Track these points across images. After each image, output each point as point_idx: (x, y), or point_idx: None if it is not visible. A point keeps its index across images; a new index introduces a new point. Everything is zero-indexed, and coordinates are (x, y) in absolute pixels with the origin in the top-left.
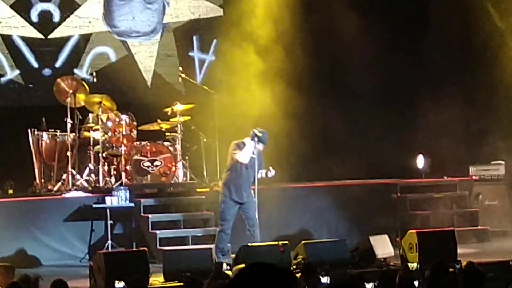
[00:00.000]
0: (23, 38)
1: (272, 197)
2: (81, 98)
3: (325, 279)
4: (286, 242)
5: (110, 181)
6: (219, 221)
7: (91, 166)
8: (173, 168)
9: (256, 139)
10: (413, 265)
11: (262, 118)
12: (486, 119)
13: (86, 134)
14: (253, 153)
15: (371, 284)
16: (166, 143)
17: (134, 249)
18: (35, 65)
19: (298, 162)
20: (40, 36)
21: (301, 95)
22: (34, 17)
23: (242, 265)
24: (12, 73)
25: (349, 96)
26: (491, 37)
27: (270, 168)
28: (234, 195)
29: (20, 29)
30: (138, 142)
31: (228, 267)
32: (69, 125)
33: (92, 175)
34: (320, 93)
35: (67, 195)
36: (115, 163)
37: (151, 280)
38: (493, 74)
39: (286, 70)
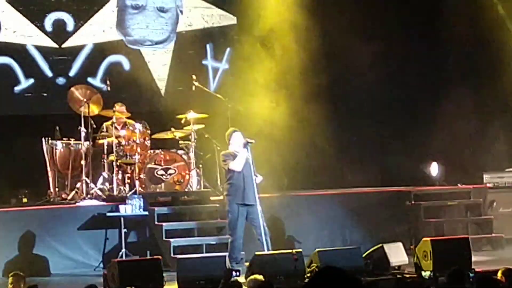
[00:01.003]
0: (37, 47)
1: (285, 205)
2: (95, 107)
3: None
4: (300, 250)
5: (124, 190)
6: (228, 231)
7: (105, 174)
8: (187, 177)
9: (248, 146)
10: (426, 273)
11: (275, 126)
12: (500, 126)
13: (100, 142)
14: (246, 159)
15: None
16: (180, 152)
17: (148, 257)
18: (49, 74)
19: (311, 170)
20: (54, 45)
21: (314, 103)
22: (48, 26)
23: (257, 276)
24: (26, 82)
25: (363, 103)
26: (505, 43)
27: (257, 175)
28: (239, 199)
29: (34, 38)
30: (152, 151)
31: (237, 273)
32: (83, 134)
33: (106, 183)
34: (334, 100)
35: (81, 203)
36: (129, 171)
37: None
38: (507, 80)
39: (299, 78)
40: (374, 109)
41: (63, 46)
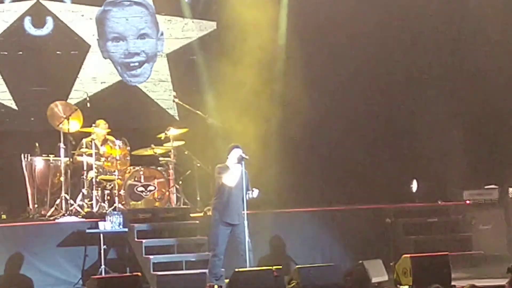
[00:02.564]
0: None
1: (266, 222)
2: (75, 123)
3: None
4: (280, 266)
5: (104, 206)
6: (210, 246)
7: (84, 191)
8: (167, 193)
9: (242, 161)
10: None
11: (255, 142)
12: (480, 144)
13: (80, 159)
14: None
15: None
16: (159, 168)
17: (128, 274)
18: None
19: (291, 187)
20: None
21: (295, 119)
22: None
23: None
24: (5, 97)
25: (344, 119)
26: (484, 61)
27: (253, 189)
28: (225, 217)
29: None
30: (131, 167)
31: None
32: (62, 150)
33: (86, 200)
34: (315, 117)
35: (61, 220)
36: (109, 188)
37: None
38: (485, 99)
39: (282, 93)
40: (355, 128)
41: None
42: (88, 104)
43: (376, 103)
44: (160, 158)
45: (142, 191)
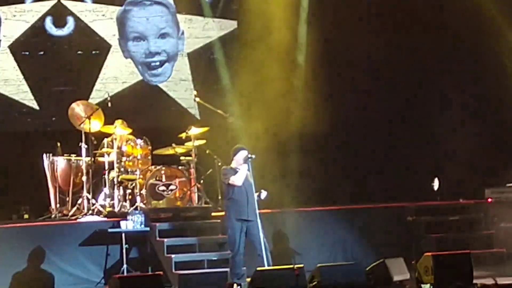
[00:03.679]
0: None
1: (287, 221)
2: (96, 123)
3: None
4: (302, 265)
5: (125, 206)
6: (230, 247)
7: (106, 190)
8: (188, 192)
9: (249, 161)
10: (426, 286)
11: (276, 140)
12: (502, 141)
13: (101, 158)
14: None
15: None
16: (181, 167)
17: (150, 273)
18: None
19: (313, 185)
20: None
21: (316, 116)
22: None
23: None
24: (27, 97)
25: (365, 117)
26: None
27: (262, 190)
28: (239, 215)
29: None
30: (153, 167)
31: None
32: (84, 150)
33: (107, 199)
34: (334, 114)
35: (82, 219)
36: (130, 187)
37: None
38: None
39: (300, 91)
40: (376, 124)
41: None
42: (110, 104)
43: (397, 100)
44: (182, 158)
45: (163, 190)
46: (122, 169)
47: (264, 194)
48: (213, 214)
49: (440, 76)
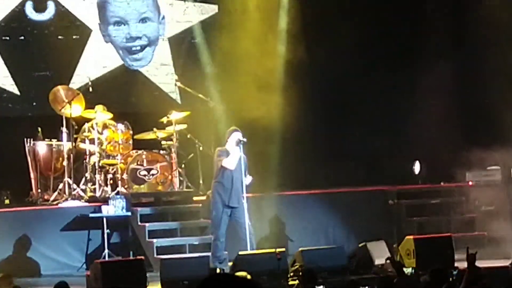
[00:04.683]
0: None
1: (269, 205)
2: (77, 107)
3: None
4: (283, 249)
5: (107, 191)
6: (212, 229)
7: (87, 175)
8: (170, 177)
9: (241, 144)
10: (408, 270)
11: (258, 125)
12: (483, 123)
13: (82, 143)
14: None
15: None
16: (162, 152)
17: (131, 258)
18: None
19: (294, 169)
20: None
21: (297, 102)
22: None
23: (242, 273)
24: (7, 82)
25: (346, 103)
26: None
27: (247, 175)
28: (225, 200)
29: None
30: (134, 151)
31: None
32: (65, 135)
33: (89, 184)
34: (316, 100)
35: (64, 204)
36: (111, 172)
37: None
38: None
39: (283, 78)
40: (357, 109)
41: None
42: (91, 89)
43: (378, 83)
44: (163, 142)
45: (144, 175)
46: (103, 154)
47: (249, 179)
48: (194, 198)
49: (419, 58)
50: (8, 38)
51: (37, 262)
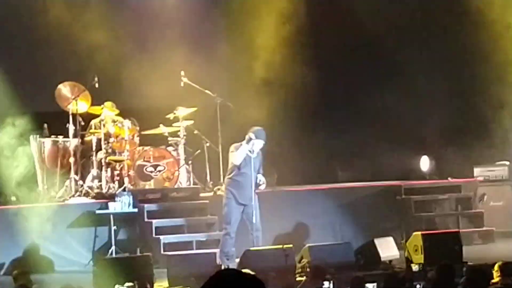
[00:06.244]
0: None
1: (276, 201)
2: (83, 104)
3: (326, 284)
4: (291, 245)
5: (113, 187)
6: (223, 225)
7: (94, 172)
8: (176, 173)
9: (251, 141)
10: (415, 266)
11: (265, 121)
12: (489, 120)
13: (89, 140)
14: (251, 152)
15: (372, 285)
16: (169, 148)
17: (138, 254)
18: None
19: (302, 165)
20: None
21: (304, 98)
22: None
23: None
24: None
25: (354, 99)
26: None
27: (261, 179)
28: (237, 197)
29: None
30: (141, 147)
31: None
32: (71, 131)
33: (95, 181)
34: (324, 96)
35: (70, 201)
36: (118, 168)
37: (155, 285)
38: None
39: (290, 74)
40: (365, 104)
41: None
42: (97, 85)
43: (386, 79)
44: (169, 138)
45: (151, 171)
46: (109, 150)
47: (262, 181)
48: (201, 194)
49: (425, 52)
50: None
51: (44, 259)
